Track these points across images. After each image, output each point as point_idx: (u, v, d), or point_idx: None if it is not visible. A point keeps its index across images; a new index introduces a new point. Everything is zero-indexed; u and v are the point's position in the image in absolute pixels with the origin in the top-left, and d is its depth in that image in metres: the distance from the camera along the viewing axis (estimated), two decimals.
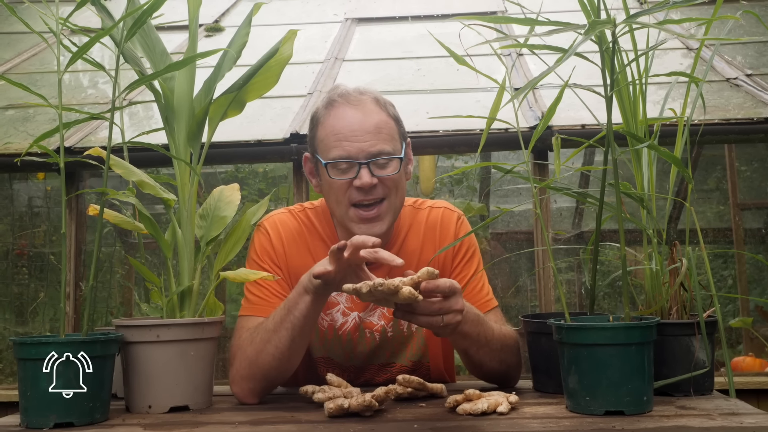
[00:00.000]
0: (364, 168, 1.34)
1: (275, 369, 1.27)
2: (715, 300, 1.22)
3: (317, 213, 1.49)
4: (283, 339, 1.25)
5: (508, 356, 1.34)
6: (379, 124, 1.36)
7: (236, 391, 1.29)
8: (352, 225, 1.37)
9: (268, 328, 1.27)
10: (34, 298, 3.50)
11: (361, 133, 1.34)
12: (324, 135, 1.38)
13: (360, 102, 1.37)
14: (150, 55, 1.36)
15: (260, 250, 1.45)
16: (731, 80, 2.74)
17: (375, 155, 1.34)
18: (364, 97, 1.38)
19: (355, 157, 1.34)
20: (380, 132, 1.35)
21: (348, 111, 1.37)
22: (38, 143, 1.23)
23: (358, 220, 1.36)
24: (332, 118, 1.38)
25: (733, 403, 1.12)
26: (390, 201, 1.37)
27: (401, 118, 1.45)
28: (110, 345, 1.13)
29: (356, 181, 1.34)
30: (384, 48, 3.83)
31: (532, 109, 2.64)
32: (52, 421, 1.07)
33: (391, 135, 1.38)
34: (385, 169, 1.36)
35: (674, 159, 1.17)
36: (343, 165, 1.35)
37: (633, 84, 1.22)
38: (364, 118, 1.35)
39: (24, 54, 3.74)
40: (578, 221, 4.09)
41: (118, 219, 1.31)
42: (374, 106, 1.38)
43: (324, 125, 1.39)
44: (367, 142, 1.34)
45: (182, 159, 1.29)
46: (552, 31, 1.09)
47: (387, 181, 1.36)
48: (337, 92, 1.40)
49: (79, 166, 2.50)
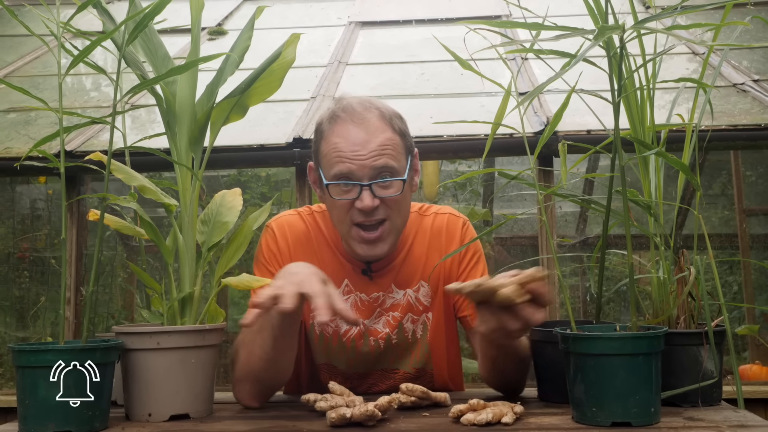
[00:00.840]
0: (366, 190, 1.31)
1: (265, 371, 1.26)
2: (724, 309, 1.20)
3: (324, 217, 1.48)
4: (267, 339, 1.23)
5: (526, 366, 1.31)
6: (383, 142, 1.32)
7: (236, 394, 1.31)
8: (355, 245, 1.36)
9: (254, 329, 1.25)
10: (35, 302, 3.49)
11: (364, 152, 1.31)
12: (327, 151, 1.35)
13: (364, 120, 1.33)
14: (152, 58, 1.35)
15: (267, 252, 1.45)
16: (738, 85, 2.72)
17: (378, 174, 1.32)
18: (369, 114, 1.34)
19: (357, 178, 1.32)
20: (383, 152, 1.32)
21: (351, 129, 1.33)
22: (38, 147, 1.23)
23: (360, 240, 1.34)
24: (335, 135, 1.34)
25: (742, 414, 1.10)
26: (392, 221, 1.35)
27: (408, 127, 1.41)
28: (110, 352, 1.12)
29: (357, 203, 1.31)
30: (388, 52, 3.82)
31: (537, 115, 2.63)
32: (50, 429, 1.06)
33: (396, 153, 1.34)
34: (388, 189, 1.33)
35: (682, 166, 1.16)
36: (344, 185, 1.33)
37: (641, 90, 1.20)
38: (368, 138, 1.32)
39: (26, 57, 3.74)
40: (582, 227, 4.07)
41: (118, 224, 1.30)
42: (379, 123, 1.34)
43: (327, 141, 1.36)
44: (370, 161, 1.31)
45: (184, 164, 1.28)
46: (559, 36, 1.08)
47: (389, 202, 1.33)
48: (342, 106, 1.37)
49: (80, 170, 2.51)
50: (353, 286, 1.43)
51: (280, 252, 1.44)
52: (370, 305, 1.44)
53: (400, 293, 1.45)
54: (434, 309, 1.46)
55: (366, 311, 1.43)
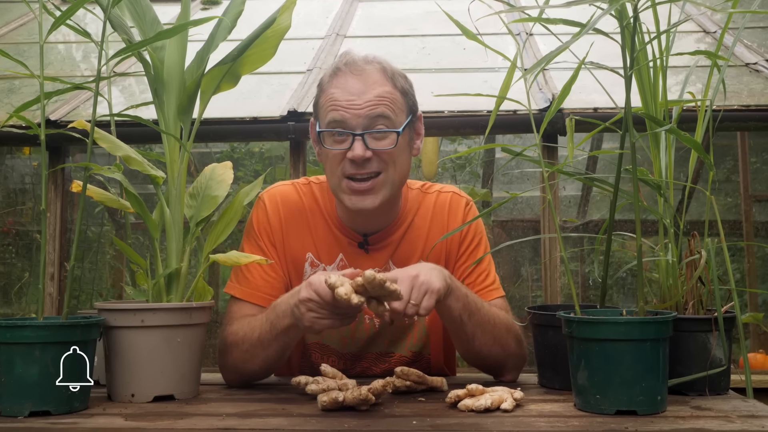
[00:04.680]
0: (358, 140, 1.26)
1: (264, 371, 1.30)
2: (734, 294, 1.15)
3: (322, 188, 1.43)
4: (271, 352, 1.24)
5: (503, 335, 1.27)
6: (381, 94, 1.28)
7: (225, 378, 1.32)
8: (344, 197, 1.30)
9: (254, 341, 1.24)
10: (20, 278, 3.43)
11: (360, 102, 1.27)
12: (323, 101, 1.32)
13: (363, 72, 1.30)
14: (140, 23, 1.29)
15: (257, 226, 1.40)
16: (750, 65, 2.65)
17: (369, 127, 1.27)
18: (370, 66, 1.31)
19: (350, 127, 1.27)
20: (380, 103, 1.28)
21: (349, 80, 1.29)
22: (19, 114, 1.17)
23: (350, 191, 1.29)
24: (333, 86, 1.30)
25: (752, 404, 1.06)
26: (387, 175, 1.29)
27: (413, 90, 1.36)
28: (91, 329, 1.07)
29: (349, 153, 1.27)
30: (387, 25, 3.74)
31: (542, 91, 2.56)
32: (27, 409, 1.01)
33: (394, 107, 1.30)
34: (382, 141, 1.28)
35: (695, 144, 1.10)
36: (337, 134, 1.28)
37: (654, 62, 1.14)
38: (365, 89, 1.28)
39: (11, 24, 3.64)
40: (584, 211, 4.02)
41: (102, 196, 1.24)
42: (379, 76, 1.30)
43: (325, 93, 1.32)
44: (364, 110, 1.27)
45: (171, 134, 1.22)
46: (570, 3, 1.02)
47: (383, 155, 1.28)
48: (344, 60, 1.33)
49: (65, 141, 2.43)
50: (348, 262, 1.38)
51: (271, 227, 1.39)
52: None
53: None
54: None
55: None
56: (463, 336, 1.25)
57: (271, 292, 1.35)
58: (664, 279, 1.16)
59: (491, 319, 1.26)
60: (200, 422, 0.99)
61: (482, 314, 1.24)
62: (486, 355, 1.28)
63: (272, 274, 1.37)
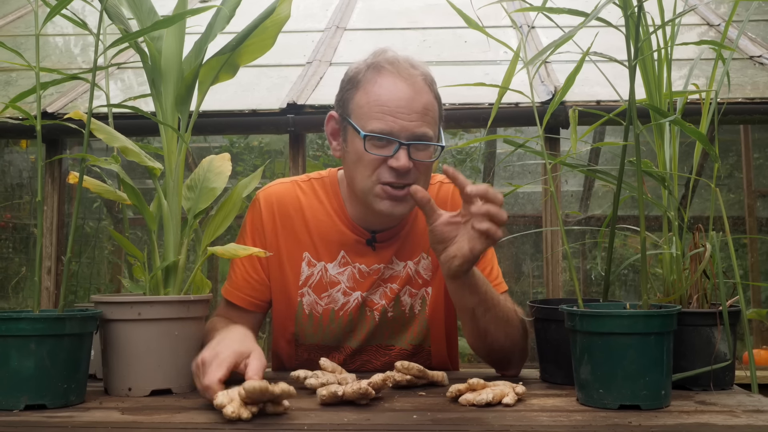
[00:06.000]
0: (403, 149, 1.23)
1: None
2: (739, 288, 1.13)
3: (324, 184, 1.41)
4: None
5: (514, 332, 1.26)
6: (427, 105, 1.26)
7: None
8: (376, 200, 1.27)
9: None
10: (18, 272, 3.41)
11: (408, 112, 1.24)
12: (366, 102, 1.27)
13: (411, 77, 1.26)
14: (137, 12, 1.27)
15: (250, 227, 1.40)
16: (755, 58, 2.63)
17: (418, 138, 1.25)
18: (416, 72, 1.27)
19: (397, 136, 1.24)
20: (426, 114, 1.25)
21: (399, 83, 1.25)
22: (15, 104, 1.15)
23: (385, 196, 1.26)
24: (378, 86, 1.26)
25: (757, 399, 1.04)
26: (419, 184, 1.27)
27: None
28: (87, 322, 1.05)
29: (392, 161, 1.24)
30: (388, 17, 3.72)
31: (544, 84, 2.54)
32: (22, 402, 0.99)
33: (435, 118, 1.28)
34: (423, 152, 1.26)
35: (700, 135, 1.08)
36: (381, 141, 1.25)
37: (658, 52, 1.12)
38: (415, 96, 1.25)
39: (9, 16, 3.62)
40: (586, 205, 4.00)
41: (99, 188, 1.22)
42: (424, 84, 1.27)
43: (367, 91, 1.27)
44: (413, 123, 1.24)
45: (169, 125, 1.20)
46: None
47: (421, 166, 1.27)
48: (386, 57, 1.29)
49: (62, 133, 2.41)
50: (353, 257, 1.37)
51: (264, 229, 1.39)
52: (370, 277, 1.38)
53: (400, 265, 1.39)
54: (434, 284, 1.40)
55: (364, 283, 1.37)
56: (475, 330, 1.24)
57: (250, 293, 1.36)
58: (667, 273, 1.14)
59: (505, 315, 1.24)
60: (198, 416, 0.98)
61: (498, 309, 1.23)
62: (498, 348, 1.26)
63: (255, 276, 1.37)
